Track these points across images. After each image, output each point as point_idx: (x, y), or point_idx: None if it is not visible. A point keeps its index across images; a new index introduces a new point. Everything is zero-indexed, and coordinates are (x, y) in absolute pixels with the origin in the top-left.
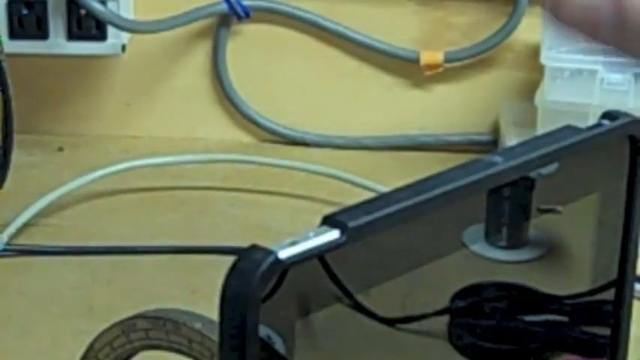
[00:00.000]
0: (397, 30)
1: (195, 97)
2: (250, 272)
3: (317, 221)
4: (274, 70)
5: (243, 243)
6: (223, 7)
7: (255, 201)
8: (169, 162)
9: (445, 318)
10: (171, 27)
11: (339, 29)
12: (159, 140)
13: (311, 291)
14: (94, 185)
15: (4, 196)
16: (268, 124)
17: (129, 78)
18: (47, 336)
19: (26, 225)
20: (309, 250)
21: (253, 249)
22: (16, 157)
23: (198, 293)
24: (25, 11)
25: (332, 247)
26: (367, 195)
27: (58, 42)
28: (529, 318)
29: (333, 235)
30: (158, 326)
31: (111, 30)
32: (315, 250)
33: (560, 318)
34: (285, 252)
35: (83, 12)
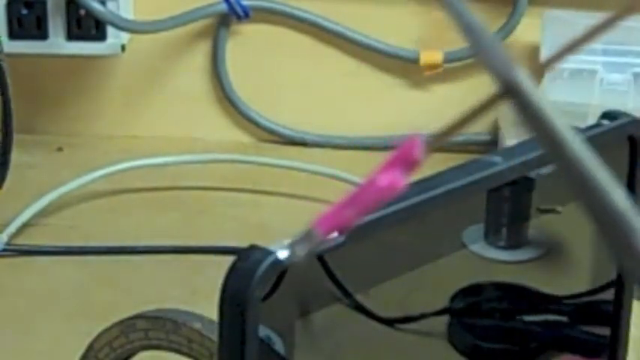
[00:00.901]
0: (397, 30)
1: (194, 97)
2: (250, 272)
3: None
4: (274, 70)
5: (242, 243)
6: (223, 7)
7: (254, 201)
8: (169, 162)
9: (445, 318)
10: (170, 27)
11: (339, 29)
12: (159, 140)
13: (310, 291)
14: (94, 185)
15: (4, 196)
16: (268, 124)
17: (128, 78)
18: (47, 336)
19: (26, 225)
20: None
21: (253, 249)
22: (16, 157)
23: (198, 293)
24: (25, 11)
25: (332, 247)
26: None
27: (58, 42)
28: (529, 318)
29: (333, 235)
30: (158, 326)
31: (110, 30)
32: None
33: (560, 318)
34: (284, 252)
35: (83, 12)
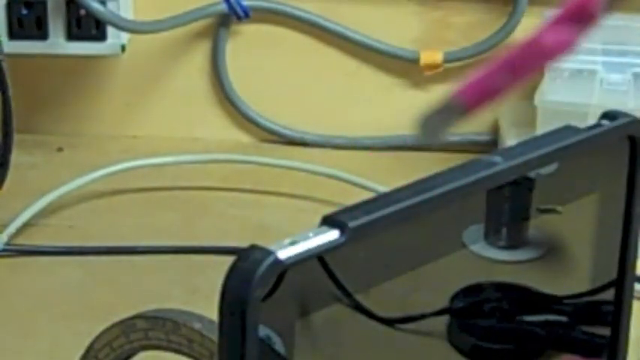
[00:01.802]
0: (397, 30)
1: (194, 97)
2: (250, 272)
3: (317, 221)
4: (274, 70)
5: (243, 243)
6: (223, 7)
7: (254, 201)
8: (169, 162)
9: (445, 318)
10: (170, 27)
11: (339, 29)
12: (159, 140)
13: (311, 291)
14: (94, 185)
15: (4, 196)
16: (268, 124)
17: (128, 78)
18: (47, 336)
19: (26, 225)
20: (308, 250)
21: (253, 249)
22: (16, 157)
23: (198, 293)
24: (25, 11)
25: (332, 247)
26: (367, 195)
27: (58, 42)
28: (529, 318)
29: (333, 235)
30: (158, 326)
31: (110, 30)
32: (314, 250)
33: (560, 318)
34: (284, 252)
35: (83, 12)
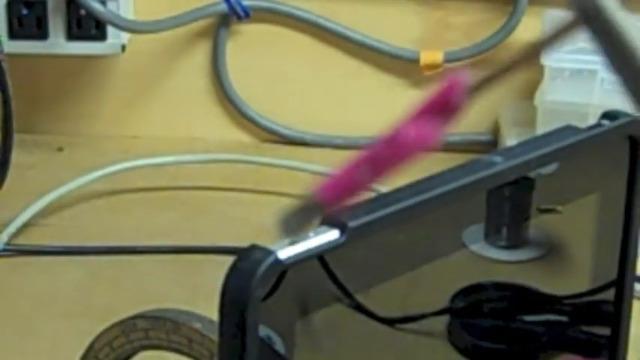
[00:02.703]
0: (397, 30)
1: (195, 97)
2: (250, 272)
3: (317, 221)
4: (274, 70)
5: (243, 243)
6: (223, 7)
7: (255, 201)
8: (169, 162)
9: (445, 318)
10: (171, 27)
11: (339, 29)
12: (159, 140)
13: (311, 291)
14: (94, 185)
15: (4, 196)
16: (268, 124)
17: (128, 78)
18: (47, 336)
19: (26, 225)
20: (308, 250)
21: (253, 249)
22: (16, 157)
23: (198, 293)
24: (25, 11)
25: (332, 247)
26: (367, 195)
27: (58, 42)
28: (529, 318)
29: (333, 235)
30: (158, 326)
31: (111, 30)
32: (314, 250)
33: (560, 318)
34: (284, 252)
35: (83, 12)
